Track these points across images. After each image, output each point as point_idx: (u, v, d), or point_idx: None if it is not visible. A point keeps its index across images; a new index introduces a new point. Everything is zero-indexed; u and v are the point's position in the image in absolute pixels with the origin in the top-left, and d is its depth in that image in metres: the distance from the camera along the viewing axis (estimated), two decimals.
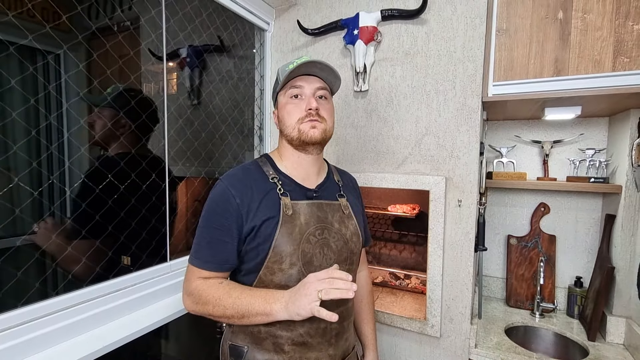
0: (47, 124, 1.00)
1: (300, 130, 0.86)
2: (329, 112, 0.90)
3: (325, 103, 0.90)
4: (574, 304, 1.49)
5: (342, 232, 0.91)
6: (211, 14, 1.37)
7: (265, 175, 0.88)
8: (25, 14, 0.94)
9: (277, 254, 0.81)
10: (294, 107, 0.87)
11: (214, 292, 0.80)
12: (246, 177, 0.86)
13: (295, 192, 0.87)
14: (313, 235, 0.85)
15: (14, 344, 0.73)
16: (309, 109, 0.85)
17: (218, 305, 0.78)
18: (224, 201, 0.82)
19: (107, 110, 1.09)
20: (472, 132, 1.20)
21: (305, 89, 0.87)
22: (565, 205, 1.57)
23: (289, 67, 0.86)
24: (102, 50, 1.04)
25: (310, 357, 0.84)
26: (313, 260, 0.84)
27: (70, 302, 0.85)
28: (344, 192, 0.98)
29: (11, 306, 0.75)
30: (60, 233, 0.91)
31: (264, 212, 0.82)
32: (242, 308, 0.76)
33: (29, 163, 0.89)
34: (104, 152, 1.10)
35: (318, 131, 0.86)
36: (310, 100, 0.86)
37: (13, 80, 0.85)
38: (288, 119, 0.87)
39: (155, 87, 1.46)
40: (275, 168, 0.91)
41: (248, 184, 0.84)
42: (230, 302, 0.77)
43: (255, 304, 0.76)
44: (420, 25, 1.27)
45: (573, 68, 1.09)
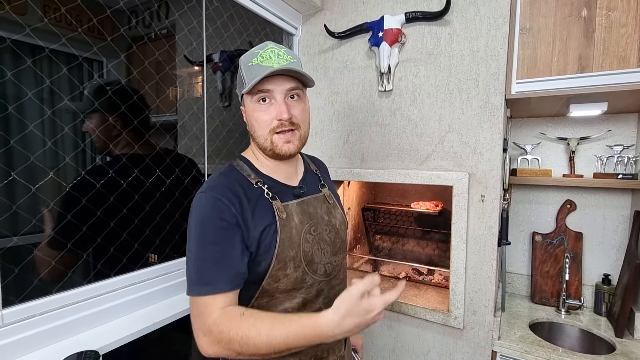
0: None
1: (274, 143, 0.79)
2: (302, 114, 0.81)
3: (298, 103, 0.81)
4: (601, 301, 1.48)
5: (332, 223, 0.90)
6: (244, 21, 1.47)
7: (248, 180, 0.80)
8: (94, 32, 1.07)
9: (280, 260, 0.76)
10: (263, 115, 0.78)
11: (238, 327, 0.67)
12: (231, 184, 0.77)
13: (282, 193, 0.83)
14: (309, 233, 0.83)
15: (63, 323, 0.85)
16: (280, 119, 0.77)
17: (247, 345, 0.66)
18: (218, 212, 0.73)
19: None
20: (495, 129, 1.23)
21: (274, 93, 0.77)
22: (593, 202, 1.56)
23: (252, 61, 0.76)
24: (152, 58, 1.15)
25: (324, 347, 0.85)
26: (314, 258, 0.82)
27: (118, 285, 0.96)
28: (324, 181, 0.96)
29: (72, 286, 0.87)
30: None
31: (259, 221, 0.76)
32: (277, 346, 0.66)
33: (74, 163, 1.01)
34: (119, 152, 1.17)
35: (293, 145, 0.80)
36: (281, 107, 0.77)
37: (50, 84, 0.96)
38: (258, 128, 0.79)
39: (180, 90, 1.58)
40: (255, 170, 0.84)
41: (236, 193, 0.76)
42: (262, 340, 0.66)
43: (294, 340, 0.66)
44: (444, 26, 1.32)
45: (597, 64, 1.11)
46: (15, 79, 0.92)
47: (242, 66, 0.79)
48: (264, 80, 0.75)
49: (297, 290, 0.80)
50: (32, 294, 0.81)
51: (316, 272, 0.83)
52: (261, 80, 0.75)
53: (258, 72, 0.74)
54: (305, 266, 0.80)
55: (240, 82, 0.81)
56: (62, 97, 1.03)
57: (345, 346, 0.94)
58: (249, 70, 0.76)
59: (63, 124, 1.00)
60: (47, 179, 0.90)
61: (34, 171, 0.93)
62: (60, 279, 0.88)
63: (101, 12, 1.05)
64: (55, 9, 1.47)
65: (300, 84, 0.81)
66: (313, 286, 0.82)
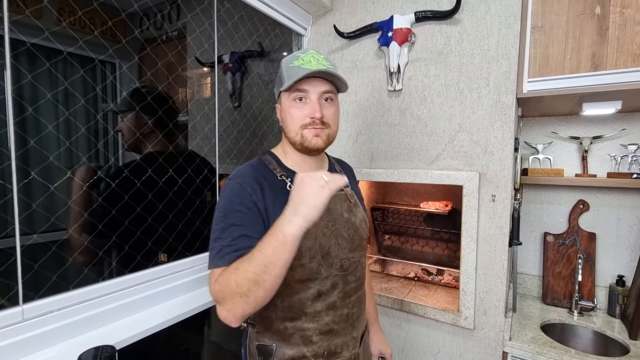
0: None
1: (304, 137, 0.85)
2: (333, 116, 0.88)
3: (330, 106, 0.87)
4: (615, 302, 1.46)
5: (352, 221, 0.93)
6: (255, 22, 1.48)
7: (272, 172, 0.86)
8: (107, 34, 1.09)
9: (296, 250, 0.78)
10: (297, 112, 0.85)
11: (231, 269, 0.71)
12: (257, 175, 0.84)
13: None
14: (326, 227, 0.87)
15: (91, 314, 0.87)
16: (313, 117, 0.83)
17: (243, 277, 0.68)
18: (242, 197, 0.79)
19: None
20: (507, 128, 1.22)
21: (310, 93, 0.84)
22: (606, 203, 1.54)
23: (293, 63, 0.83)
24: (166, 59, 1.17)
25: (338, 343, 0.87)
26: (330, 251, 0.86)
27: (132, 282, 0.98)
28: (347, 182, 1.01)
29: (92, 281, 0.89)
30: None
31: (279, 209, 0.76)
32: (259, 260, 0.67)
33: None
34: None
35: (321, 139, 0.85)
36: (315, 106, 0.83)
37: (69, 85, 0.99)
38: (291, 123, 0.86)
39: (191, 91, 1.60)
40: (281, 165, 0.90)
41: (259, 183, 0.82)
42: (251, 269, 0.67)
43: (266, 245, 0.68)
44: (454, 25, 1.31)
45: (611, 62, 1.09)
46: (32, 81, 0.95)
47: (282, 67, 0.87)
48: (302, 81, 0.82)
49: (311, 281, 0.83)
50: (50, 291, 0.83)
51: (332, 266, 0.86)
52: (299, 81, 0.82)
53: (298, 73, 0.81)
54: (320, 258, 0.84)
55: (279, 81, 0.88)
56: (75, 98, 1.06)
57: (361, 345, 0.95)
58: (289, 70, 0.83)
59: (80, 124, 1.02)
60: (64, 177, 0.93)
61: (52, 171, 0.95)
62: (97, 271, 0.93)
63: (112, 15, 1.07)
64: (70, 12, 1.51)
65: (334, 88, 0.88)
66: (328, 279, 0.85)
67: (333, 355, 0.87)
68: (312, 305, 0.84)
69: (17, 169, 0.78)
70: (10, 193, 0.76)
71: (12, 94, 0.76)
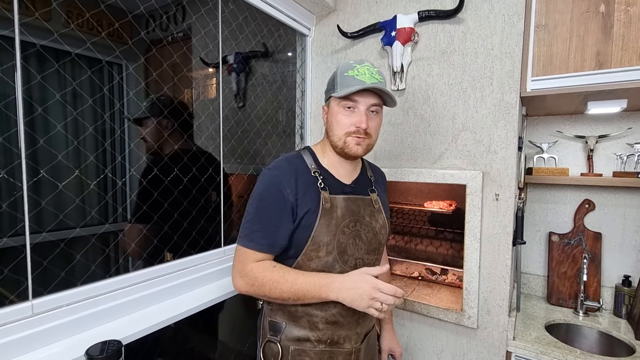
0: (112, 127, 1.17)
1: (346, 143, 0.91)
2: (376, 128, 0.94)
3: (375, 117, 0.93)
4: (621, 303, 1.44)
5: (372, 225, 0.98)
6: (259, 23, 1.49)
7: (307, 168, 0.93)
8: (114, 36, 1.11)
9: (315, 242, 0.88)
10: (344, 119, 0.90)
11: (270, 275, 0.86)
12: (292, 168, 0.91)
13: (333, 187, 0.94)
14: (347, 227, 0.92)
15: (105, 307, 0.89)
16: (358, 127, 0.89)
17: (275, 288, 0.84)
18: (276, 190, 0.88)
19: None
20: (510, 127, 1.22)
21: (359, 104, 0.89)
22: (612, 202, 1.53)
23: (348, 72, 0.89)
24: (171, 60, 1.19)
25: (341, 334, 0.93)
26: (347, 249, 0.92)
27: (139, 278, 1.00)
28: (375, 187, 1.05)
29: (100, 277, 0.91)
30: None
31: (307, 203, 0.88)
32: (298, 292, 0.84)
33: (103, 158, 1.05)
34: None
35: (362, 148, 0.91)
36: (362, 117, 0.89)
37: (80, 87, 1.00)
38: (337, 128, 0.91)
39: (196, 91, 1.62)
40: (317, 162, 0.96)
41: (294, 176, 0.89)
42: (287, 286, 0.84)
43: (311, 289, 0.83)
44: (457, 25, 1.31)
45: (616, 61, 1.08)
46: (39, 82, 0.97)
47: (338, 73, 0.92)
48: (354, 92, 0.87)
49: (332, 273, 0.89)
50: (58, 287, 0.85)
51: (346, 263, 0.92)
52: (353, 92, 0.87)
53: (352, 83, 0.87)
54: (337, 254, 0.90)
55: (331, 85, 0.94)
56: (83, 98, 1.08)
57: (364, 341, 0.99)
58: (344, 78, 0.89)
59: (88, 124, 1.04)
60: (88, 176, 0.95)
61: (60, 169, 0.97)
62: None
63: (118, 17, 1.09)
64: (77, 15, 1.53)
65: (382, 101, 0.94)
66: (341, 274, 0.89)
67: (335, 345, 0.92)
68: None
69: (27, 167, 0.80)
70: (19, 191, 0.78)
71: (22, 94, 0.78)
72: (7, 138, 1.09)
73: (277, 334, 0.92)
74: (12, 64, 0.76)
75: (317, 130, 1.69)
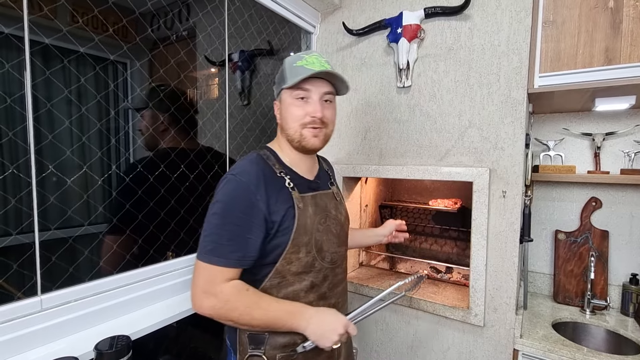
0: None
1: (303, 136, 0.87)
2: (332, 117, 0.91)
3: (330, 106, 0.91)
4: (628, 301, 1.44)
5: (338, 218, 0.99)
6: (264, 20, 1.49)
7: (273, 170, 0.88)
8: (118, 34, 1.11)
9: (295, 245, 0.85)
10: (298, 110, 0.87)
11: (244, 299, 0.79)
12: (259, 171, 0.85)
13: (301, 186, 0.91)
14: (320, 223, 0.91)
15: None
16: (313, 117, 0.86)
17: (247, 314, 0.79)
18: (245, 197, 0.81)
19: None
20: (517, 123, 1.22)
21: (312, 93, 0.86)
22: (619, 200, 1.52)
23: (297, 63, 0.85)
24: (178, 57, 1.19)
25: None
26: (323, 246, 0.91)
27: (146, 275, 1.00)
28: (333, 180, 1.07)
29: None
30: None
31: (281, 207, 0.84)
32: (269, 320, 0.80)
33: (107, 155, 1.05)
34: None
35: (319, 140, 0.89)
36: (316, 106, 0.86)
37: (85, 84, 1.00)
38: (291, 120, 0.88)
39: (198, 91, 1.62)
40: (279, 161, 0.92)
41: (262, 180, 0.83)
42: (260, 313, 0.79)
43: (283, 317, 0.80)
44: (464, 21, 1.30)
45: (625, 56, 1.08)
46: (46, 80, 0.97)
47: (286, 65, 0.89)
48: (305, 81, 0.85)
49: (306, 274, 0.88)
50: (67, 282, 0.85)
51: (324, 259, 0.91)
52: (303, 81, 0.84)
53: (302, 72, 0.84)
54: (315, 252, 0.89)
55: (280, 78, 0.91)
56: (88, 97, 1.08)
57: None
58: (293, 69, 0.86)
59: (94, 122, 1.04)
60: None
61: (67, 167, 0.97)
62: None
63: (124, 15, 1.09)
64: (83, 13, 1.53)
65: (334, 90, 0.91)
66: (320, 271, 0.91)
67: None
68: (306, 296, 0.89)
69: (35, 163, 0.80)
70: (25, 188, 0.78)
71: (31, 90, 0.78)
72: (15, 135, 1.09)
73: (260, 346, 0.86)
74: (21, 61, 0.76)
75: None
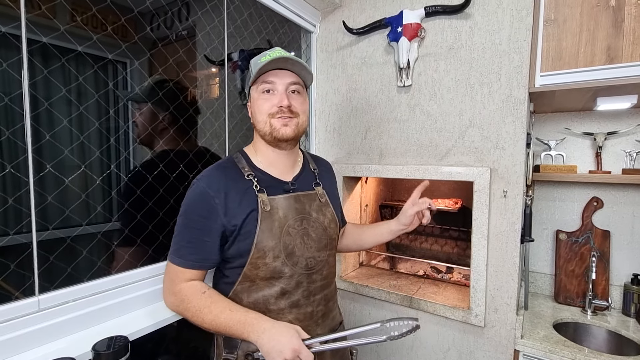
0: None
1: (272, 126, 0.86)
2: (301, 106, 0.90)
3: (298, 97, 0.89)
4: (630, 302, 1.43)
5: (321, 220, 0.94)
6: (264, 19, 1.48)
7: (241, 172, 0.88)
8: (118, 34, 1.11)
9: (259, 249, 0.83)
10: (265, 102, 0.87)
11: (197, 302, 0.82)
12: (223, 176, 0.86)
13: (272, 187, 0.89)
14: (292, 227, 0.88)
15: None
16: (280, 106, 0.85)
17: (197, 316, 0.81)
18: (203, 202, 0.83)
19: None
20: (518, 123, 1.21)
21: (277, 84, 0.86)
22: (621, 200, 1.51)
23: (261, 60, 0.85)
24: (177, 55, 1.18)
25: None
26: (295, 250, 0.87)
27: (145, 275, 0.99)
28: (320, 180, 1.01)
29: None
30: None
31: (243, 210, 0.83)
32: (219, 327, 0.80)
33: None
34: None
35: (290, 129, 0.87)
36: (282, 96, 0.86)
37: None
38: (259, 114, 0.88)
39: (198, 91, 1.61)
40: (250, 164, 0.91)
41: (225, 184, 0.84)
42: (210, 318, 0.80)
43: (233, 326, 0.79)
44: (464, 20, 1.30)
45: (627, 55, 1.07)
46: (44, 79, 0.96)
47: (251, 65, 0.89)
48: (268, 73, 0.85)
49: (275, 279, 0.86)
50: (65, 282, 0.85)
51: (296, 265, 0.88)
52: (266, 73, 0.85)
53: (263, 66, 0.83)
54: (284, 257, 0.86)
55: (248, 78, 0.91)
56: (87, 96, 1.07)
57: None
58: (257, 66, 0.85)
59: (92, 121, 1.04)
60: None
61: (65, 166, 0.97)
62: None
63: (123, 14, 1.08)
64: (82, 12, 1.53)
65: (301, 81, 0.90)
66: (292, 277, 0.87)
67: None
68: (276, 303, 0.86)
69: (33, 162, 0.80)
70: (23, 187, 0.78)
71: (29, 89, 0.77)
72: (13, 134, 1.09)
73: (233, 351, 0.86)
74: (19, 60, 0.75)
75: (322, 128, 1.68)
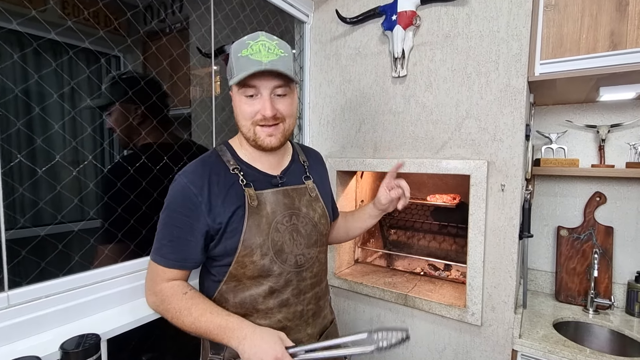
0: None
1: (256, 134, 0.80)
2: (288, 108, 0.82)
3: (284, 100, 0.81)
4: (634, 300, 1.38)
5: (311, 216, 0.90)
6: (254, 8, 1.44)
7: (225, 166, 0.83)
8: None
9: (247, 247, 0.79)
10: (248, 107, 0.79)
11: (177, 303, 0.78)
12: (206, 171, 0.81)
13: (259, 182, 0.84)
14: (281, 223, 0.84)
15: None
16: (264, 115, 0.78)
17: (177, 318, 0.78)
18: (185, 199, 0.78)
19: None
20: (517, 113, 1.16)
21: (261, 89, 0.78)
22: (625, 195, 1.45)
23: (242, 52, 0.75)
24: (172, 54, 1.14)
25: (290, 339, 0.82)
26: (284, 247, 0.83)
27: (123, 271, 0.96)
28: (310, 172, 0.96)
29: None
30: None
31: (229, 206, 0.79)
32: (199, 330, 0.76)
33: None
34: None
35: (275, 139, 0.81)
36: (265, 103, 0.77)
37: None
38: (242, 118, 0.81)
39: (200, 89, 1.58)
40: (235, 157, 0.86)
41: (209, 179, 0.79)
42: (190, 320, 0.76)
43: (212, 332, 0.75)
44: (461, 7, 1.25)
45: (632, 40, 1.01)
46: (36, 73, 0.93)
47: (232, 55, 0.78)
48: (252, 77, 0.75)
49: (264, 278, 0.82)
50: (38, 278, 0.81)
51: (285, 262, 0.84)
52: (249, 77, 0.75)
53: (246, 66, 0.74)
54: (273, 255, 0.82)
55: (229, 70, 0.81)
56: (81, 89, 1.04)
57: (319, 340, 0.91)
58: (238, 61, 0.76)
59: (86, 117, 1.00)
60: None
61: (50, 159, 0.94)
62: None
63: (114, 8, 1.04)
64: (73, 5, 1.49)
65: (288, 81, 0.81)
66: (281, 275, 0.83)
67: None
68: (264, 302, 0.82)
69: (4, 152, 0.76)
70: None
71: (20, 90, 0.74)
72: None
73: (220, 352, 0.82)
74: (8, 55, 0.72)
75: (316, 120, 1.64)
